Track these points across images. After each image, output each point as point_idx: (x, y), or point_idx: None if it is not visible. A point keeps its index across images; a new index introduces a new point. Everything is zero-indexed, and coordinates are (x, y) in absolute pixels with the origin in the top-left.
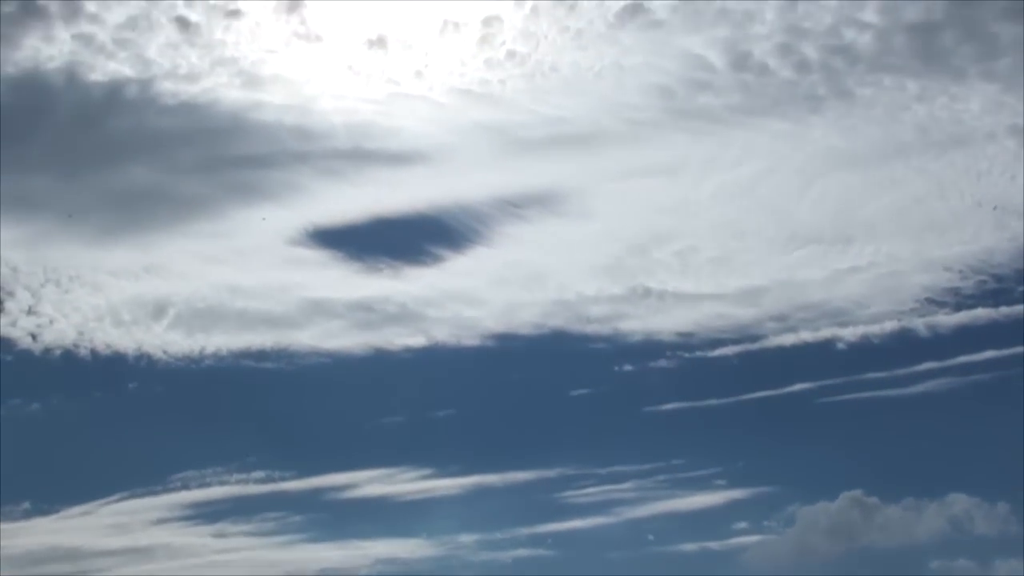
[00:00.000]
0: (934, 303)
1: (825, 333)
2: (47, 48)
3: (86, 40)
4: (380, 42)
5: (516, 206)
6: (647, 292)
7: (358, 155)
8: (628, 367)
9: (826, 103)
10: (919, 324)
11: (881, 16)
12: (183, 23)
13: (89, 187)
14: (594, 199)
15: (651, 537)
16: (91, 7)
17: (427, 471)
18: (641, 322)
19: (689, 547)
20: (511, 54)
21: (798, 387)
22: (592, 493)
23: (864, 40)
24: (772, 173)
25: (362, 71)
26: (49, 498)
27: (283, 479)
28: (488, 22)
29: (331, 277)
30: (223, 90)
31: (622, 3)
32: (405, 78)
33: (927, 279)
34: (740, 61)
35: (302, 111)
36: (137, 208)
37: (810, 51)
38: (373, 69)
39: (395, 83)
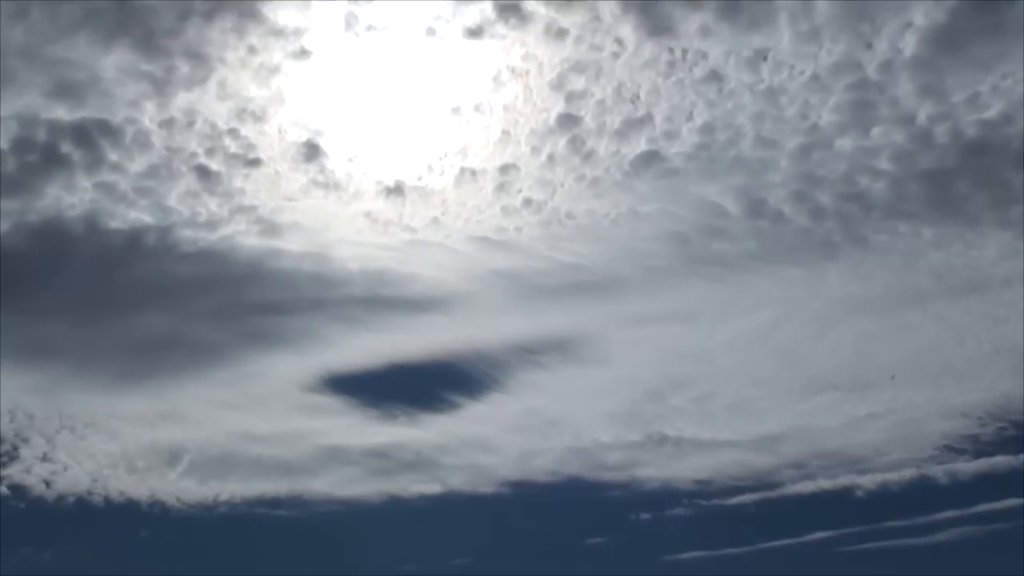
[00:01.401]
0: (953, 450)
1: (843, 481)
2: (68, 196)
3: (107, 188)
4: (397, 190)
5: (532, 353)
6: (664, 439)
7: (374, 302)
8: (645, 515)
9: (841, 250)
10: (938, 471)
11: (895, 164)
12: (203, 172)
13: (106, 334)
14: (610, 346)
15: None
16: (113, 156)
17: None
18: (658, 469)
19: None
20: (527, 202)
21: (817, 535)
22: None
23: (879, 187)
24: (788, 319)
25: (379, 219)
26: None
27: None
28: (505, 170)
29: (346, 424)
30: (241, 238)
31: (637, 151)
32: (422, 225)
33: (946, 426)
34: (755, 208)
35: (319, 258)
36: (153, 355)
37: (825, 198)
38: (390, 217)
39: (412, 230)
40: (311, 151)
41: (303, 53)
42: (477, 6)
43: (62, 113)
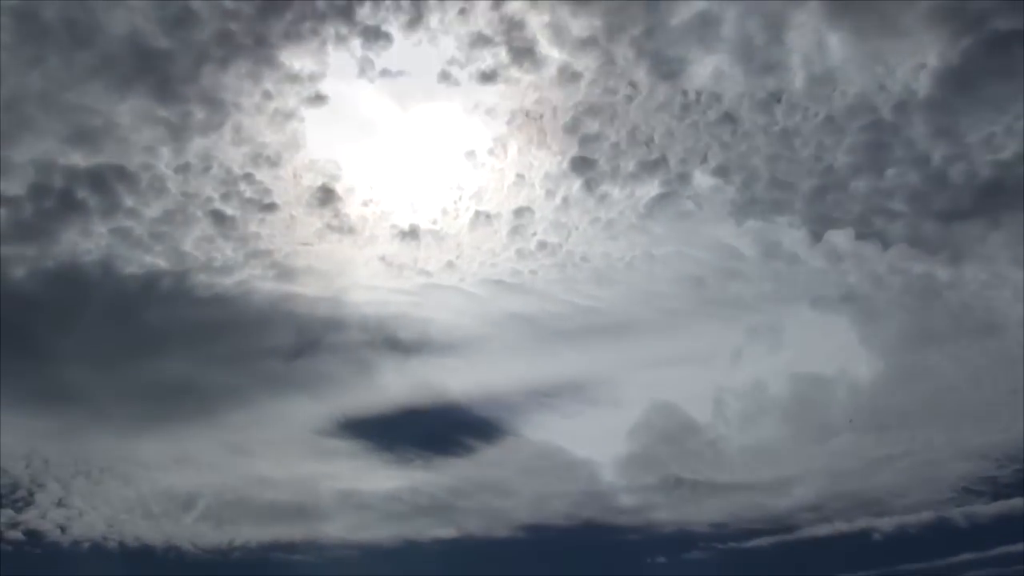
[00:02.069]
0: (971, 492)
1: (860, 523)
2: (84, 242)
3: (123, 234)
4: (412, 234)
5: (547, 396)
6: (679, 482)
7: (390, 346)
8: (661, 558)
9: (858, 291)
10: (956, 514)
11: (910, 204)
12: (218, 217)
13: (121, 379)
14: (625, 388)
15: None
16: (129, 202)
17: None
18: (673, 512)
19: None
20: (542, 245)
21: None
22: None
23: (895, 228)
24: (804, 361)
25: (394, 262)
26: None
27: None
28: (519, 213)
29: (361, 468)
30: (256, 282)
31: (652, 194)
32: (437, 269)
33: (963, 468)
34: (771, 250)
35: (334, 302)
36: (168, 399)
37: (840, 239)
38: (405, 260)
39: (427, 274)
40: (326, 195)
41: (318, 98)
42: (491, 50)
43: (78, 159)
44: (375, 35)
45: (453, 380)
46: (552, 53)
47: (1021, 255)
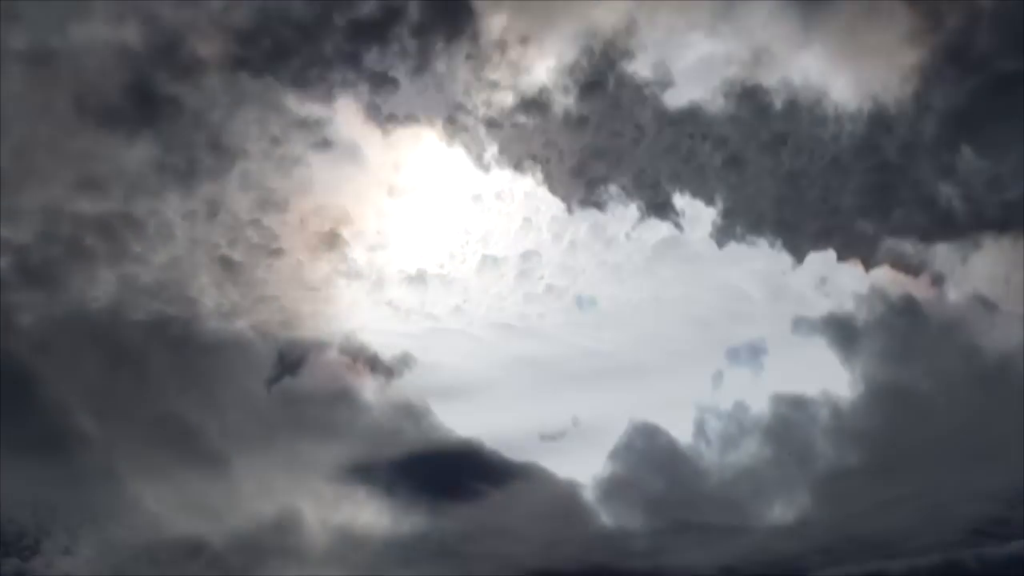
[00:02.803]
0: (983, 534)
1: (872, 566)
2: (92, 288)
3: (131, 280)
4: (419, 278)
5: (555, 439)
6: (688, 525)
7: (397, 390)
8: None
9: (867, 331)
10: (967, 556)
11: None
12: (226, 262)
13: (129, 425)
14: (634, 431)
15: None
16: (136, 248)
17: None
18: (683, 556)
19: None
20: (549, 288)
21: None
22: None
23: None
24: (814, 403)
25: (402, 307)
26: None
27: None
28: (526, 257)
29: (369, 513)
30: (264, 327)
31: (659, 236)
32: (444, 313)
33: (974, 509)
34: (779, 292)
35: (342, 348)
36: (176, 445)
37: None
38: (412, 305)
39: (434, 318)
40: (333, 240)
41: (325, 144)
42: (498, 94)
43: (86, 206)
44: (382, 80)
45: (461, 423)
46: (558, 97)
47: None
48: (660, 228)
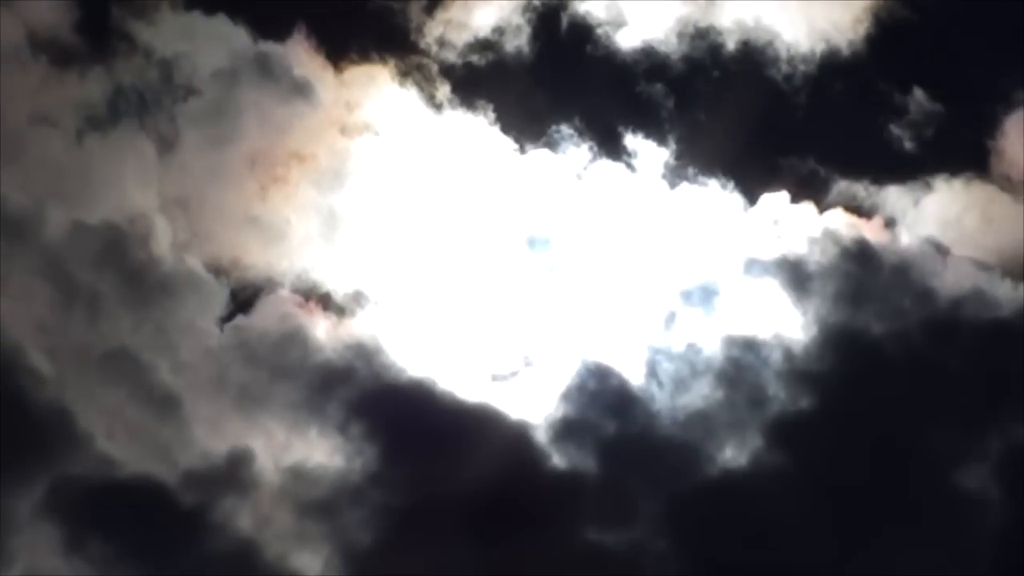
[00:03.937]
0: None
1: None
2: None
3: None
4: (372, 217)
5: (507, 379)
6: (640, 467)
7: None
8: None
9: (819, 274)
10: None
11: None
12: (178, 200)
13: (81, 362)
14: None
15: None
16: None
17: None
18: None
19: None
20: (501, 228)
21: None
22: None
23: None
24: (767, 344)
25: (354, 246)
26: None
27: None
28: (478, 196)
29: (321, 452)
30: (216, 266)
31: (611, 177)
32: (396, 253)
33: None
34: (731, 234)
35: None
36: (128, 384)
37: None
38: (365, 244)
39: (387, 258)
40: (286, 178)
41: (277, 81)
42: (451, 34)
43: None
44: (335, 18)
45: (413, 364)
46: (511, 39)
47: None
48: (612, 169)
